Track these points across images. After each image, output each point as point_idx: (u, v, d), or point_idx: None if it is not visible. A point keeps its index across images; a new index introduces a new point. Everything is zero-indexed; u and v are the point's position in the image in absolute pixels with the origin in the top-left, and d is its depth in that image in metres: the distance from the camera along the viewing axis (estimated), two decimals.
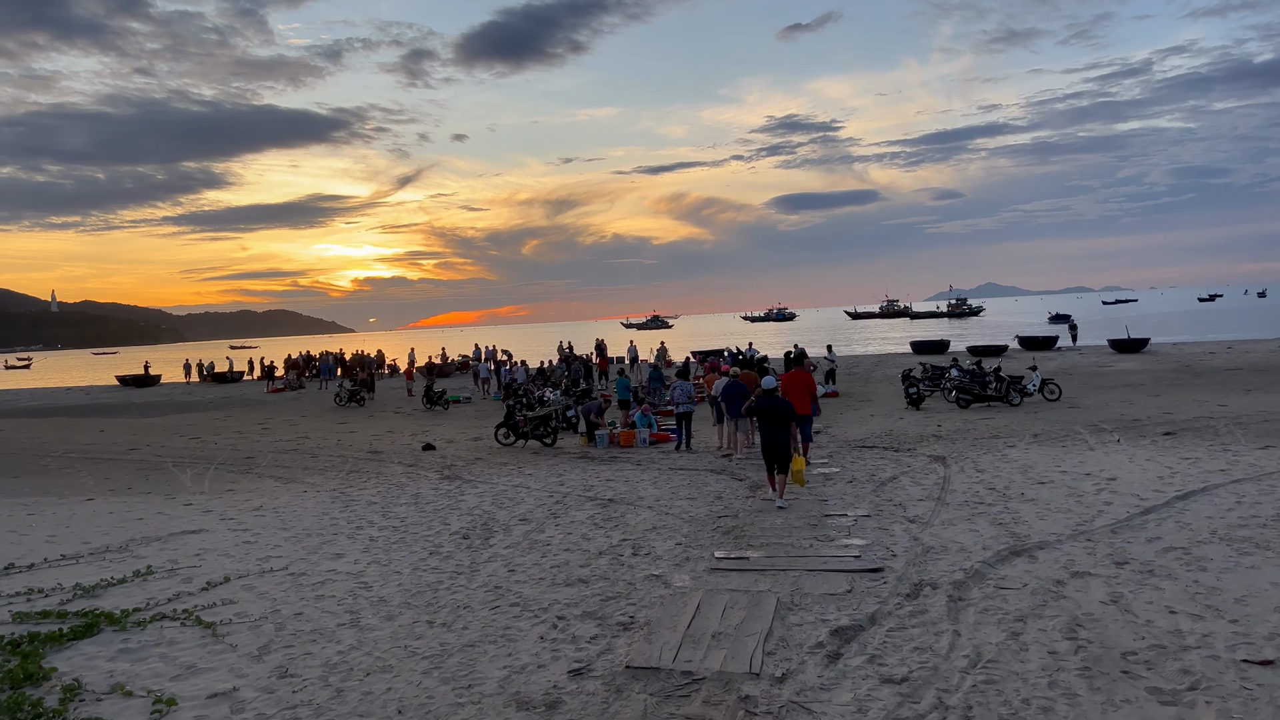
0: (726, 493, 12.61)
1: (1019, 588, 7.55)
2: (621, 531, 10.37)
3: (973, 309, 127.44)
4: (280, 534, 11.17)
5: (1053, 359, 37.10)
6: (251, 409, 34.46)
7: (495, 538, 10.35)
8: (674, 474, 14.60)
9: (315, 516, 12.34)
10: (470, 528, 10.97)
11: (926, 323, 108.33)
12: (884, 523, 10.20)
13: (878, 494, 11.96)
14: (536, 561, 9.14)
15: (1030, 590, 7.45)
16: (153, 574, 9.21)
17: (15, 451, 23.51)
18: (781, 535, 9.78)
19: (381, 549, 10.06)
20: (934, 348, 46.87)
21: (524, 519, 11.37)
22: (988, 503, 11.04)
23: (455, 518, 11.67)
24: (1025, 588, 7.53)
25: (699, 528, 10.39)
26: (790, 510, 11.12)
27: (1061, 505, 10.69)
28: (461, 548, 9.91)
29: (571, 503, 12.38)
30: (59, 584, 8.87)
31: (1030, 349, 44.04)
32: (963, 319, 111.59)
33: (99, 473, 18.73)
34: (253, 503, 13.90)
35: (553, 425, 19.98)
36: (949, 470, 13.61)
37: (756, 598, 7.50)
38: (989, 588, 7.59)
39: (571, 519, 11.25)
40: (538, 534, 10.44)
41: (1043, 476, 12.61)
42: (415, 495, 13.73)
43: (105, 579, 8.99)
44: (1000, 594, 7.40)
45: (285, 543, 10.63)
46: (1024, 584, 7.63)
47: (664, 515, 11.21)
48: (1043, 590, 7.43)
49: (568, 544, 9.85)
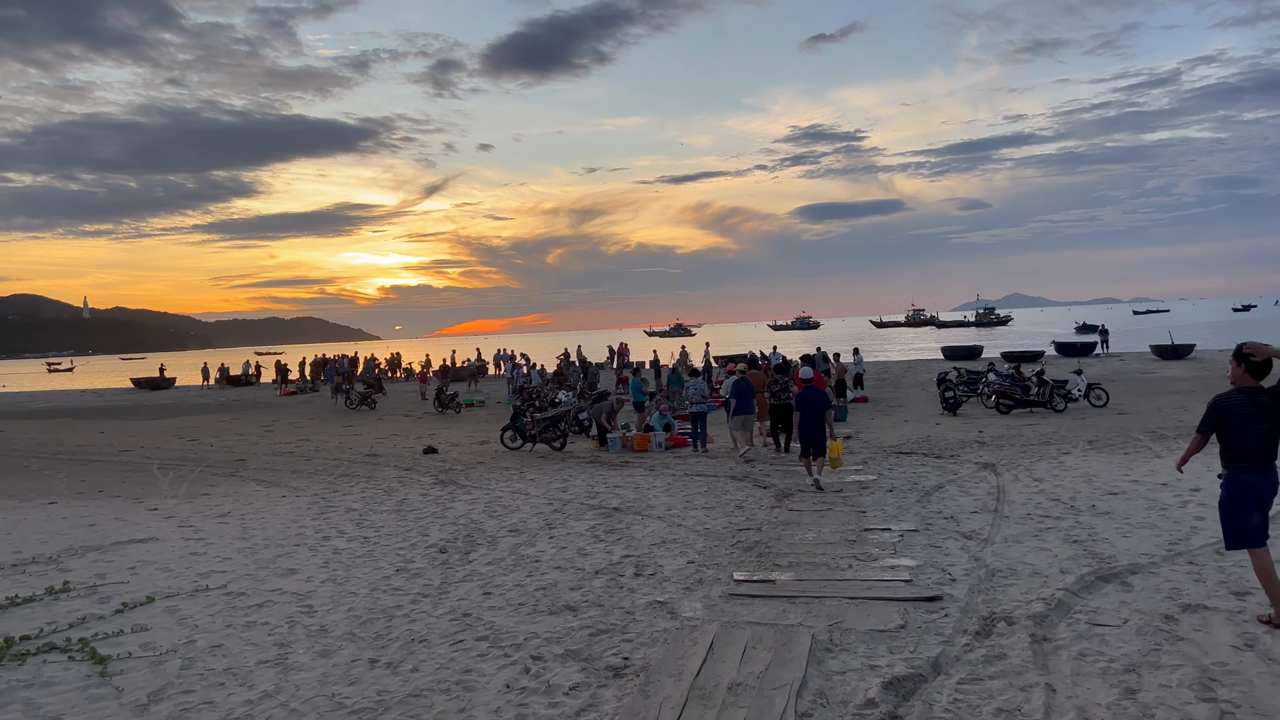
0: (748, 502, 11.06)
1: (1119, 625, 5.95)
2: (625, 546, 8.83)
3: (1000, 318, 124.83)
4: (236, 544, 9.73)
5: (1092, 365, 35.29)
6: (261, 411, 33.25)
7: (477, 552, 8.85)
8: (690, 480, 13.06)
9: (283, 525, 10.91)
10: (451, 540, 9.47)
11: (954, 331, 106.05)
12: (935, 539, 8.61)
13: (923, 505, 10.37)
14: (519, 582, 7.62)
15: (1135, 629, 5.86)
16: (68, 591, 7.78)
17: (4, 453, 22.34)
18: (813, 552, 8.22)
19: (343, 564, 8.58)
20: (966, 354, 45.04)
21: (514, 530, 9.86)
22: (1055, 516, 9.42)
23: (437, 528, 10.19)
24: (1127, 625, 5.94)
25: (715, 542, 8.84)
26: (823, 523, 9.56)
27: (1143, 520, 9.06)
28: (435, 564, 8.41)
29: (571, 512, 10.86)
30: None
31: (1068, 355, 42.14)
32: (990, 328, 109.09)
33: (78, 475, 17.45)
34: (223, 508, 12.51)
35: (562, 428, 18.52)
36: (1002, 479, 11.99)
37: (786, 634, 5.95)
38: (1079, 624, 6.00)
39: (569, 530, 9.73)
40: (527, 548, 8.93)
41: (1112, 486, 10.97)
42: (401, 502, 12.28)
43: (12, 597, 7.58)
44: (1096, 633, 5.81)
45: (237, 555, 9.19)
46: (1124, 620, 6.04)
47: (675, 527, 9.67)
48: (1151, 629, 5.84)
49: (559, 560, 8.33)
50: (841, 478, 12.51)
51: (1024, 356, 38.75)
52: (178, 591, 7.72)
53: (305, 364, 47.77)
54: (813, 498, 11.15)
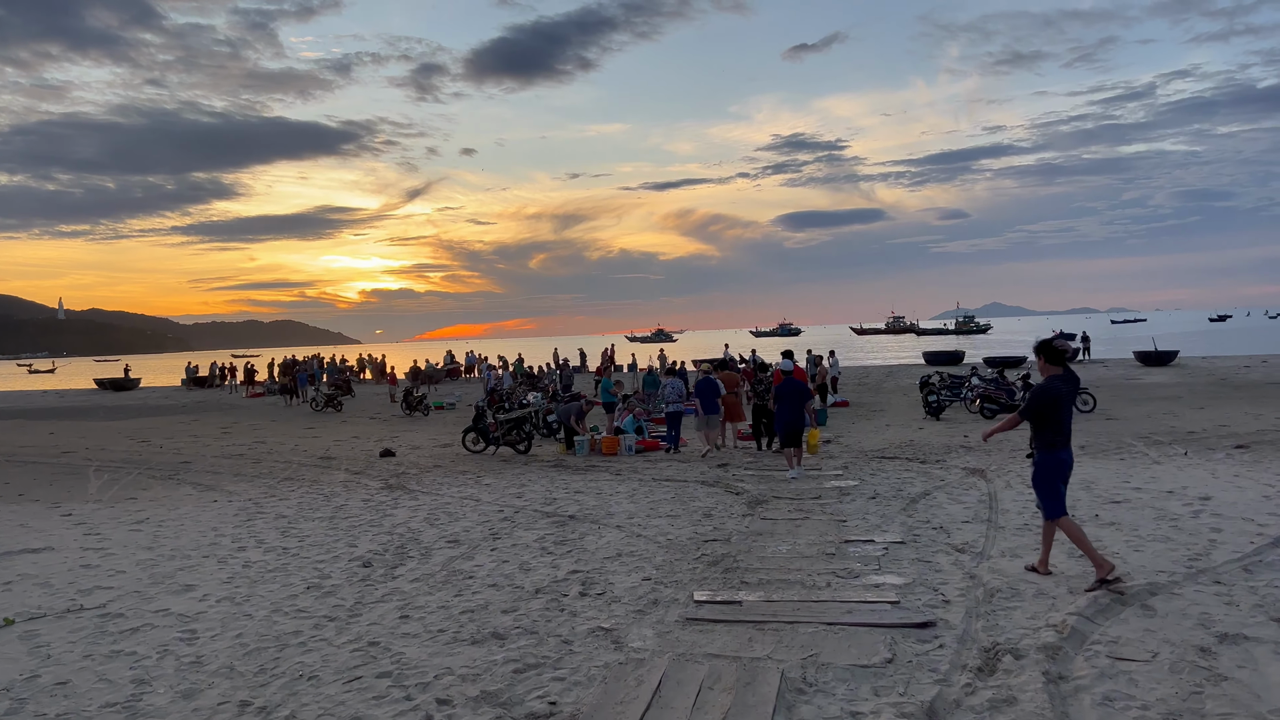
0: (718, 509, 10.05)
1: (1147, 659, 4.98)
2: (574, 559, 7.80)
3: (980, 326, 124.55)
4: (138, 555, 8.62)
5: (1075, 371, 34.65)
6: (223, 413, 31.93)
7: (405, 566, 7.78)
8: (657, 486, 12.04)
9: (200, 533, 9.80)
10: (380, 551, 8.40)
11: (934, 339, 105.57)
12: (924, 552, 7.64)
13: (909, 514, 9.39)
14: (445, 603, 6.56)
15: (1167, 664, 4.89)
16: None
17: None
18: (787, 567, 7.21)
19: (249, 579, 7.50)
20: (948, 358, 44.27)
21: (454, 540, 8.80)
22: None
23: (369, 538, 9.12)
24: (1157, 659, 4.97)
25: (677, 555, 7.82)
26: (799, 533, 8.57)
27: (1154, 531, 8.12)
28: (354, 580, 7.34)
29: (522, 520, 9.81)
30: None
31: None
32: (970, 336, 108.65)
33: (5, 477, 16.24)
34: (143, 514, 11.38)
35: (527, 430, 17.46)
36: (993, 485, 11.05)
37: (750, 671, 4.93)
38: (1099, 657, 5.03)
39: (514, 541, 8.67)
40: (463, 561, 7.87)
41: (1113, 494, 10.04)
42: (338, 508, 11.19)
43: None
44: (1122, 671, 4.84)
45: (134, 568, 8.08)
46: (1152, 653, 5.07)
47: (634, 538, 8.64)
48: (1186, 664, 4.87)
49: (497, 577, 7.28)
50: (821, 483, 11.55)
51: (1006, 362, 38.04)
52: (45, 612, 6.62)
53: (274, 365, 46.42)
54: (788, 505, 10.16)
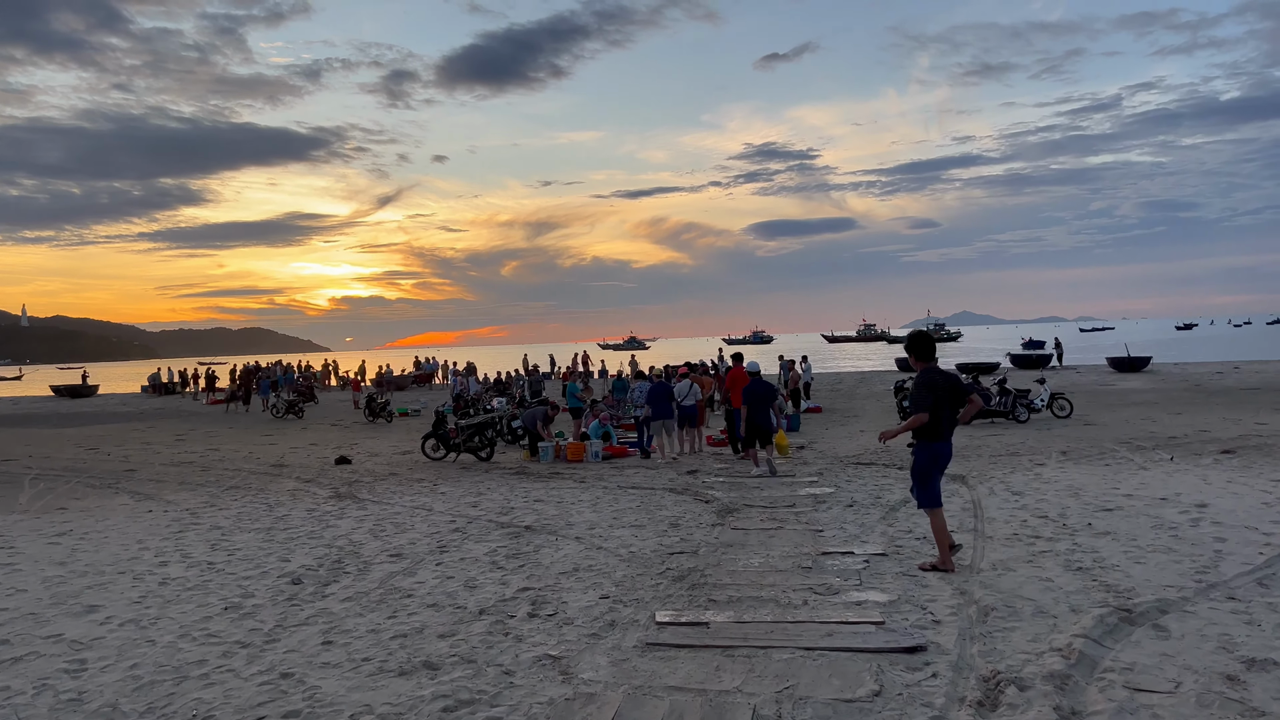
0: (686, 518, 9.38)
1: (1169, 690, 4.37)
2: (526, 575, 7.09)
3: (950, 334, 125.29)
4: (47, 572, 7.81)
5: (1048, 377, 34.28)
6: (180, 420, 30.83)
7: (340, 583, 7.03)
8: (622, 494, 11.36)
9: (123, 546, 8.99)
10: (314, 567, 7.65)
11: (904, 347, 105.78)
12: (909, 565, 7.01)
13: (889, 523, 8.78)
14: (376, 626, 5.83)
15: (1193, 697, 4.28)
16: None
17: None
18: (759, 583, 6.55)
19: (163, 599, 6.73)
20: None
21: (397, 554, 8.05)
22: (1047, 536, 7.89)
23: (305, 551, 8.35)
24: (1180, 691, 4.36)
25: (640, 570, 7.14)
26: (772, 545, 7.92)
27: (1153, 541, 7.55)
28: (279, 600, 6.58)
29: (474, 531, 9.08)
30: None
31: (1024, 367, 41.22)
32: (941, 344, 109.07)
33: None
34: (69, 525, 10.54)
35: (489, 436, 16.72)
36: (975, 492, 10.49)
37: (717, 708, 4.26)
38: (1115, 688, 4.41)
39: (463, 555, 7.94)
40: (404, 578, 7.13)
41: (1104, 502, 9.49)
42: (280, 519, 10.40)
43: None
44: (1142, 705, 4.22)
45: (38, 586, 7.28)
46: (1174, 683, 4.46)
47: (594, 550, 7.95)
48: (1215, 697, 4.26)
49: (438, 595, 6.55)
50: (794, 490, 10.93)
51: (980, 368, 37.74)
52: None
53: (235, 372, 45.19)
54: (761, 514, 9.52)
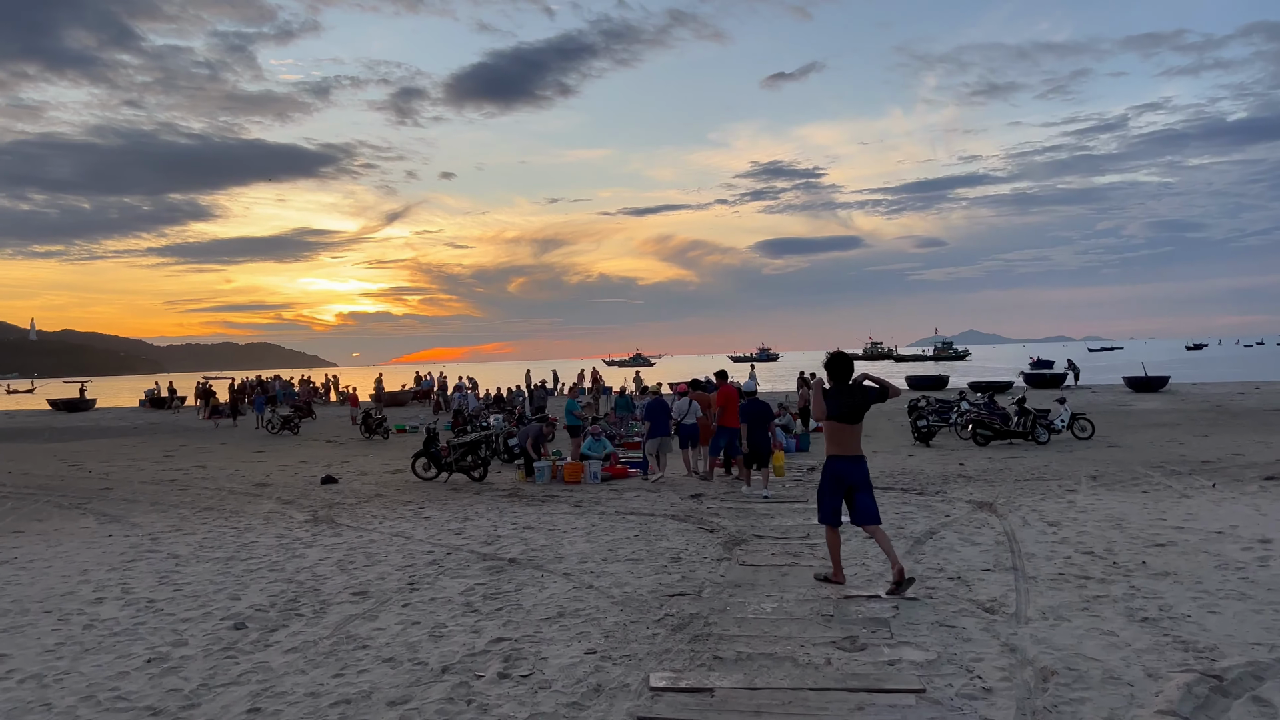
0: (689, 551, 8.45)
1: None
2: (503, 620, 6.16)
3: (959, 353, 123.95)
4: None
5: (1063, 396, 33.15)
6: (174, 436, 29.99)
7: (289, 628, 6.11)
8: (620, 520, 10.43)
9: (63, 578, 8.09)
10: (265, 607, 6.72)
11: (912, 365, 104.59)
12: (944, 612, 6.07)
13: (916, 558, 7.85)
14: (316, 687, 4.90)
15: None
16: None
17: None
18: (773, 635, 5.61)
19: (81, 647, 5.81)
20: (931, 384, 42.91)
21: (361, 592, 7.13)
22: (1098, 577, 6.94)
23: (260, 587, 7.43)
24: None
25: (634, 616, 6.21)
26: (786, 584, 6.99)
27: (1222, 585, 6.61)
28: (213, 650, 5.65)
29: (453, 564, 8.15)
30: None
31: (1038, 386, 40.18)
32: (949, 363, 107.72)
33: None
34: (16, 551, 9.70)
35: (482, 455, 15.81)
36: (1007, 522, 9.54)
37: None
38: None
39: (435, 594, 7.02)
40: (363, 622, 6.21)
41: (1152, 535, 8.54)
42: (244, 546, 9.50)
43: None
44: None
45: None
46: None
47: (583, 590, 7.01)
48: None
49: (398, 646, 5.61)
50: (808, 519, 10.00)
51: (993, 387, 36.68)
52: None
53: (233, 385, 44.33)
54: (772, 547, 8.58)
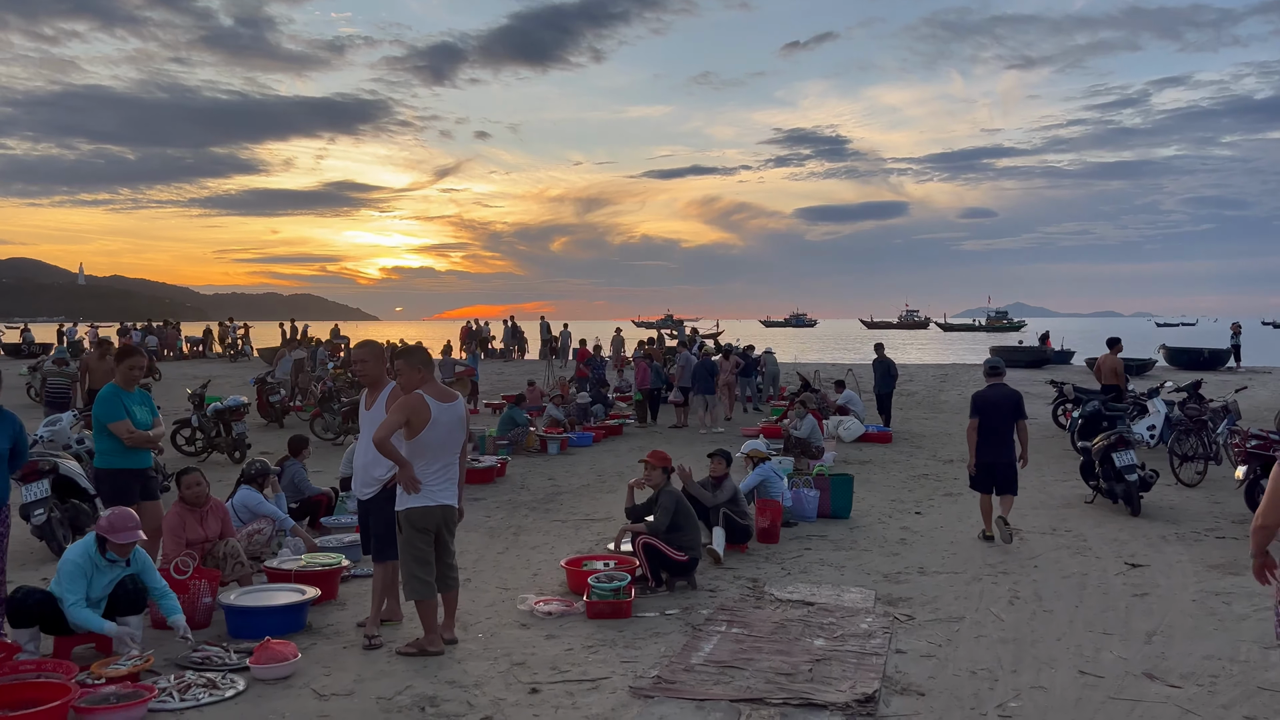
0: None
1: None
2: None
3: (1013, 323, 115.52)
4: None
5: (1230, 383, 21.53)
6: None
7: None
8: None
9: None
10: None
11: (961, 337, 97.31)
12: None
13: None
14: None
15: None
16: None
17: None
18: None
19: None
20: (1029, 355, 35.02)
21: None
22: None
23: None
24: None
25: None
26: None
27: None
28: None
29: None
30: None
31: (1185, 367, 30.70)
32: (1002, 333, 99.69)
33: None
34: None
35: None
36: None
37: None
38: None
39: None
40: None
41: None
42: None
43: None
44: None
45: None
46: None
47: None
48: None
49: None
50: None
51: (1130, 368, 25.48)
52: None
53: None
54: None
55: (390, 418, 5.37)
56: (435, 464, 5.48)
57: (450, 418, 5.51)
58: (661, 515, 7.14)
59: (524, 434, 14.58)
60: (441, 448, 5.49)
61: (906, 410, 20.59)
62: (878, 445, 15.61)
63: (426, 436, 5.40)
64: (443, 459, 5.52)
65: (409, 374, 5.50)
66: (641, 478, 7.60)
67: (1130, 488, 9.82)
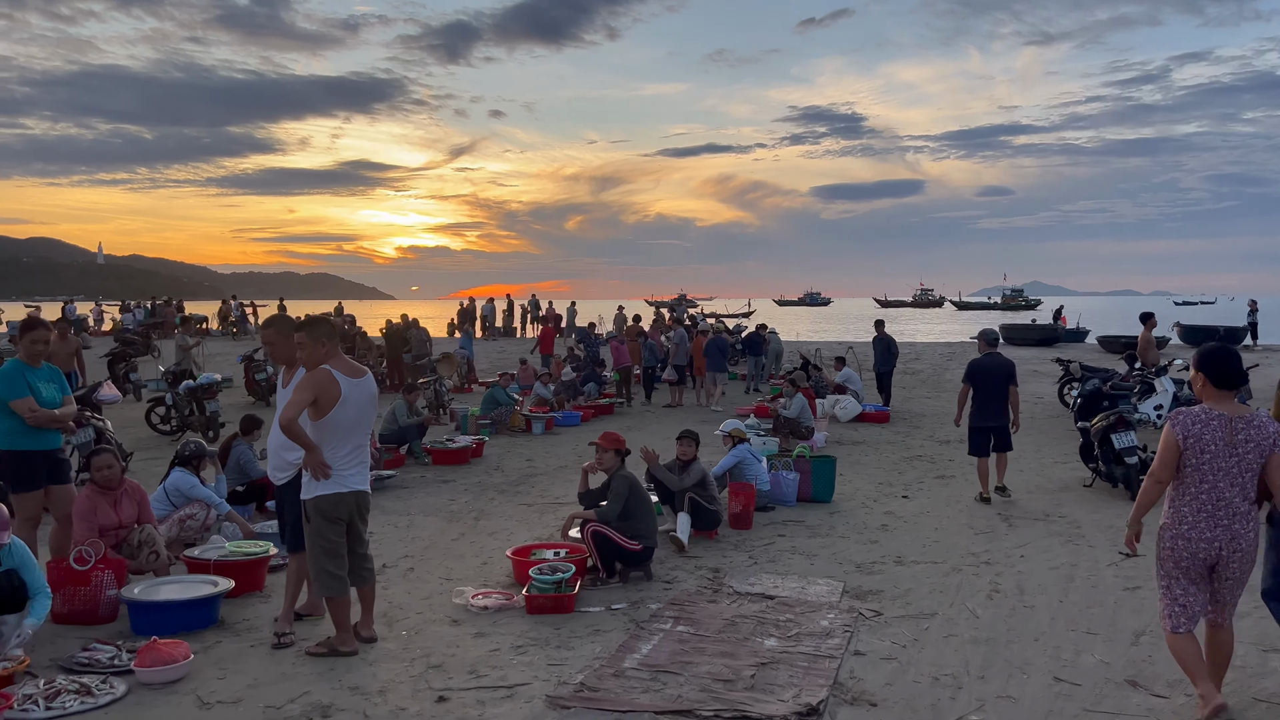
0: None
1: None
2: None
3: (1029, 302, 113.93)
4: None
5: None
6: None
7: None
8: None
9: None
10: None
11: (975, 315, 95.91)
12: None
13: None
14: None
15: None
16: None
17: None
18: None
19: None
20: (1040, 334, 34.99)
21: None
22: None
23: None
24: None
25: None
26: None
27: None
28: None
29: None
30: None
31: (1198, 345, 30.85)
32: (1017, 312, 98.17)
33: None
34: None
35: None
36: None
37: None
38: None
39: None
40: None
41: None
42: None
43: None
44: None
45: None
46: None
47: None
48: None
49: None
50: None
51: (1118, 343, 27.90)
52: None
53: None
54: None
55: (295, 396, 4.87)
56: (346, 446, 4.99)
57: (361, 395, 5.02)
58: (614, 502, 6.64)
59: (507, 413, 14.21)
60: (352, 428, 5.00)
61: (909, 389, 20.00)
62: (874, 425, 15.07)
63: (336, 416, 4.91)
64: (354, 440, 5.04)
65: (313, 348, 4.99)
66: (594, 460, 7.10)
67: (1130, 471, 9.25)
